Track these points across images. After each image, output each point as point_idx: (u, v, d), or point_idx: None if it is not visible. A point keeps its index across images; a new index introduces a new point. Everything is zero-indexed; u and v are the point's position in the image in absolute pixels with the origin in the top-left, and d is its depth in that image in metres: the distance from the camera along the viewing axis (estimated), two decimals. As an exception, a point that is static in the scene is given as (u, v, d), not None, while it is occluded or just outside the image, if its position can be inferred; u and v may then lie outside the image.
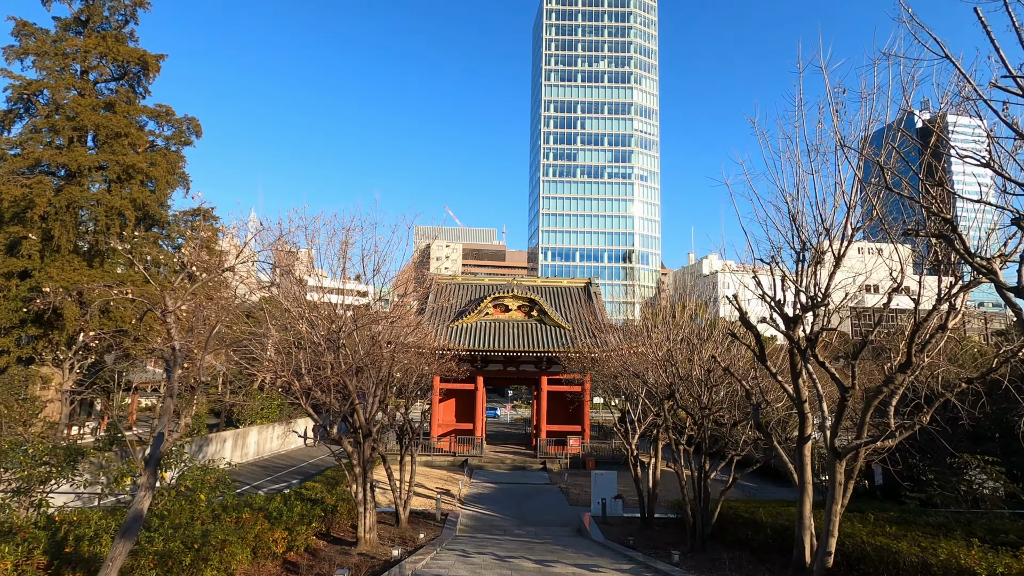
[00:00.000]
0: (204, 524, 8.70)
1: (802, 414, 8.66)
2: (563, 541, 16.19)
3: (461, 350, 31.66)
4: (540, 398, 34.93)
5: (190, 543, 7.14)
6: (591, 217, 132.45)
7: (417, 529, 16.92)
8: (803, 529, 8.47)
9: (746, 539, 12.65)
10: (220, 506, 10.63)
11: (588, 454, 32.91)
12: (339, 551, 12.19)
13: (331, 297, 13.28)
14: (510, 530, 18.86)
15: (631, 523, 18.85)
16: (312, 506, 12.66)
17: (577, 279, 41.68)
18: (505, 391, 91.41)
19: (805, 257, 8.55)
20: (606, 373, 19.22)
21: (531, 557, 11.98)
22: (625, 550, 13.65)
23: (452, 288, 39.65)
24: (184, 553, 6.90)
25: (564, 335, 33.40)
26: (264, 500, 11.63)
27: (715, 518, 12.94)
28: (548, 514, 21.55)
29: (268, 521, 10.00)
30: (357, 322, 12.09)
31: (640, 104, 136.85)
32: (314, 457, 34.51)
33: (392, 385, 12.68)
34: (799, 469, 8.66)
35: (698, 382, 13.71)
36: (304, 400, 11.22)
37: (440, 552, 12.66)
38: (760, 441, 13.87)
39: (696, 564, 11.46)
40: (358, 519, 12.18)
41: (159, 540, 7.02)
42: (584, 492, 25.72)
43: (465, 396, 36.26)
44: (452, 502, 22.43)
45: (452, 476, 28.64)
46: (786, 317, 8.51)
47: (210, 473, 11.67)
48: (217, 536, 7.70)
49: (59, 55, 26.69)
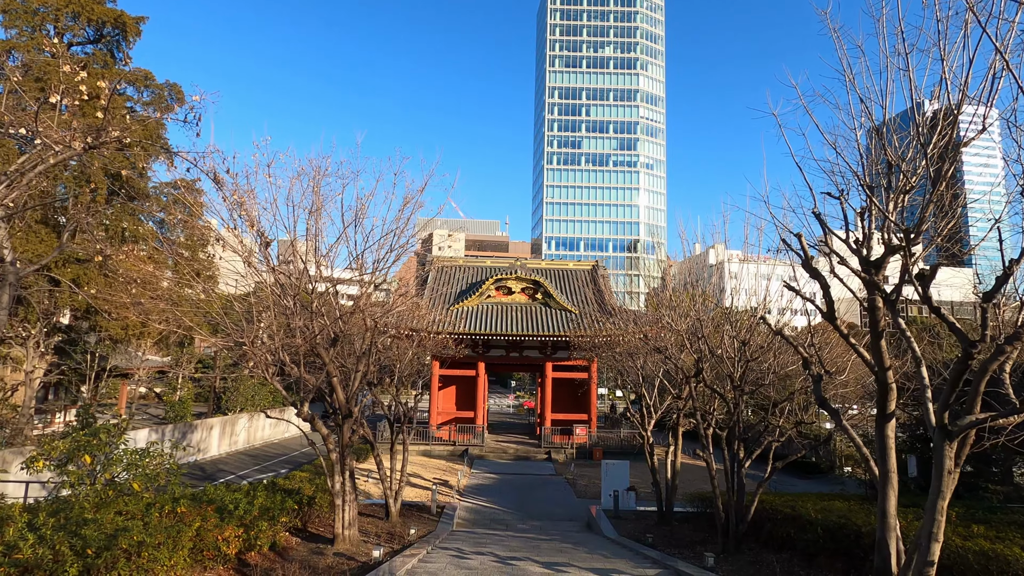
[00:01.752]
0: (129, 520, 6.90)
1: (884, 385, 6.80)
2: (572, 538, 14.43)
3: (461, 333, 29.88)
4: (544, 385, 33.15)
5: (81, 547, 5.33)
6: (596, 206, 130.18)
7: (409, 523, 15.17)
8: (887, 531, 6.63)
9: (787, 539, 10.83)
10: (171, 498, 8.85)
11: (595, 444, 31.16)
12: (312, 550, 10.43)
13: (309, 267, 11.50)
14: (513, 525, 17.11)
15: (646, 518, 17.07)
16: (284, 498, 10.90)
17: (583, 261, 39.76)
18: (508, 381, 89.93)
19: (891, 185, 6.65)
20: (620, 352, 17.36)
21: (538, 559, 10.19)
22: (645, 549, 11.86)
23: (453, 271, 37.81)
24: (69, 561, 5.09)
25: (570, 319, 31.55)
26: (222, 491, 9.85)
27: (751, 514, 11.12)
28: (554, 507, 19.81)
29: (219, 516, 8.22)
30: (334, 285, 10.27)
31: (646, 91, 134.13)
32: (308, 446, 32.90)
33: (373, 356, 10.86)
34: (881, 455, 6.81)
35: (729, 360, 11.87)
36: (269, 373, 9.41)
37: (432, 551, 10.89)
38: (803, 425, 12.06)
39: (736, 570, 9.66)
40: (335, 513, 10.40)
41: (30, 543, 5.16)
42: (592, 483, 23.95)
43: (466, 383, 34.52)
44: (450, 494, 20.71)
45: (451, 466, 26.94)
46: (866, 259, 6.64)
47: (150, 457, 9.87)
48: (132, 537, 5.90)
49: (29, 13, 24.83)
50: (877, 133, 6.57)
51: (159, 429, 24.94)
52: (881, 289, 6.44)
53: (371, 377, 15.78)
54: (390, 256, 10.33)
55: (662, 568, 9.76)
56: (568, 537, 14.59)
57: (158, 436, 24.44)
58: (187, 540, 7.02)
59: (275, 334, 10.04)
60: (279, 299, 9.50)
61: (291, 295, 9.42)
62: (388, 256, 10.25)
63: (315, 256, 9.57)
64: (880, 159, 6.62)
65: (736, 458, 11.27)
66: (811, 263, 7.04)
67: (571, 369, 33.37)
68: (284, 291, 9.78)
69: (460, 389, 35.52)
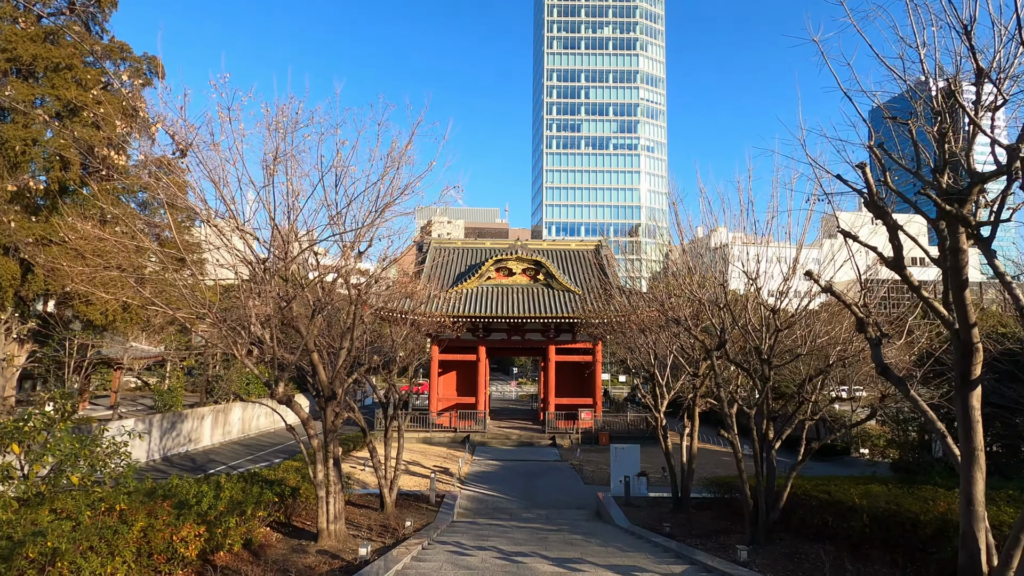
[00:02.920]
0: (64, 521, 5.73)
1: (968, 345, 5.58)
2: (582, 528, 13.33)
3: (460, 316, 28.70)
4: (548, 369, 32.03)
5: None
6: (596, 190, 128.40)
7: (406, 515, 14.07)
8: (975, 521, 5.45)
9: (823, 527, 9.69)
10: (120, 494, 7.69)
11: (601, 428, 30.10)
12: (294, 547, 9.30)
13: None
14: (517, 514, 16.04)
15: (660, 505, 15.98)
16: (262, 490, 9.76)
17: (587, 240, 38.47)
18: (510, 368, 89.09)
19: (979, 99, 5.38)
20: (631, 329, 16.15)
21: (547, 555, 9.06)
22: (664, 540, 10.74)
23: (451, 252, 36.54)
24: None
25: (574, 300, 30.33)
26: (188, 484, 8.69)
27: (783, 501, 9.95)
28: (560, 494, 18.74)
29: (176, 513, 7.06)
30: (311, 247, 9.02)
31: (646, 72, 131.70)
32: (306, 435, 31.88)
33: (359, 332, 9.63)
34: (963, 430, 5.61)
35: (754, 331, 10.66)
36: (238, 348, 8.21)
37: (428, 547, 9.76)
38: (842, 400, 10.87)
39: (772, 564, 8.51)
40: (318, 507, 9.26)
41: None
42: (599, 469, 22.89)
43: (466, 368, 33.40)
44: (451, 482, 19.64)
45: (452, 453, 25.89)
46: (946, 189, 5.39)
47: (90, 445, 8.67)
48: (46, 543, 4.73)
49: (-6, -19, 23.32)
50: (965, 33, 5.28)
51: (146, 419, 23.87)
52: (970, 224, 5.19)
53: (362, 359, 14.61)
54: (374, 218, 9.06)
55: (688, 563, 8.62)
56: (577, 527, 13.50)
57: (145, 426, 23.37)
58: (129, 543, 5.86)
59: (249, 306, 8.82)
60: (243, 261, 8.29)
61: (259, 262, 8.20)
62: (372, 217, 9.00)
63: (288, 212, 8.32)
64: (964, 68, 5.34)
65: (765, 439, 10.09)
66: (878, 200, 5.79)
67: (575, 352, 32.24)
68: (255, 263, 8.55)
69: (461, 374, 34.43)
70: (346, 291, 10.31)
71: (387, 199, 8.61)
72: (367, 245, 9.63)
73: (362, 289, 9.96)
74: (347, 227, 8.62)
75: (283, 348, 9.96)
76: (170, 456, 24.54)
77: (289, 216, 8.62)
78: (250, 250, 8.38)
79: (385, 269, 9.87)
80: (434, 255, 35.80)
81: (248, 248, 8.39)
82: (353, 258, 9.33)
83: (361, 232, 8.93)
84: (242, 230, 8.05)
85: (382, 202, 8.69)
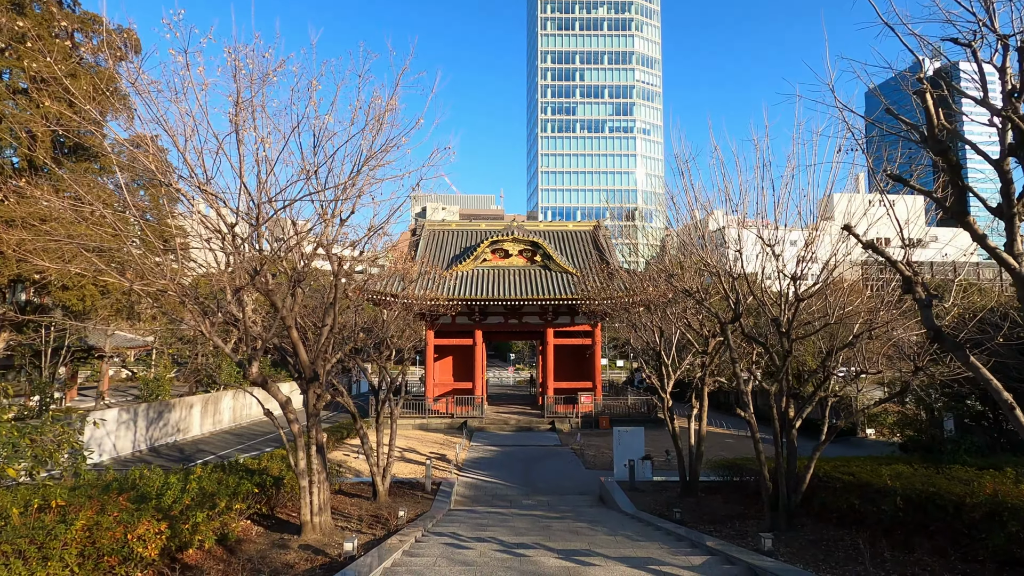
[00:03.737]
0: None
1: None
2: (586, 515, 12.62)
3: (455, 299, 27.84)
4: (546, 353, 31.28)
5: None
6: (592, 174, 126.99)
7: (400, 503, 13.34)
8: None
9: (849, 511, 8.96)
10: (65, 487, 6.84)
11: (601, 412, 29.45)
12: (275, 542, 8.51)
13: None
14: (517, 501, 15.34)
15: (666, 489, 15.30)
16: (240, 480, 8.95)
17: (584, 222, 37.53)
18: (507, 355, 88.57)
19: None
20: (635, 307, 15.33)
21: (552, 546, 8.29)
22: (675, 527, 10.02)
23: (445, 235, 35.56)
24: None
25: (572, 281, 29.49)
26: (156, 475, 7.85)
27: (807, 483, 9.20)
28: (562, 480, 18.06)
29: (134, 508, 6.23)
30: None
31: (642, 53, 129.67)
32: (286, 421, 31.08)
33: (341, 306, 8.73)
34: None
35: (771, 302, 9.86)
36: (205, 324, 7.31)
37: (422, 539, 8.99)
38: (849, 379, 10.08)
39: (799, 553, 7.77)
40: (301, 498, 8.45)
41: None
42: (601, 453, 22.24)
43: (463, 353, 32.63)
44: (448, 468, 18.94)
45: (449, 440, 25.18)
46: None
47: (32, 434, 7.77)
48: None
49: (-45, -53, 21.96)
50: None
51: (131, 409, 22.99)
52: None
53: (349, 340, 13.75)
54: (355, 176, 8.12)
55: (706, 553, 7.87)
56: (581, 514, 12.79)
57: (130, 416, 22.51)
58: (69, 544, 5.02)
59: (219, 279, 7.92)
60: (210, 228, 7.38)
61: (228, 228, 7.29)
62: (353, 175, 8.06)
63: (257, 169, 7.37)
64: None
65: (785, 417, 9.31)
66: (938, 129, 4.92)
67: (573, 335, 31.49)
68: (222, 230, 7.62)
69: (457, 359, 33.66)
70: (328, 264, 9.40)
71: (370, 156, 7.68)
72: (350, 212, 8.71)
73: (345, 259, 9.07)
74: (326, 185, 7.69)
75: (263, 329, 9.09)
76: (157, 447, 23.72)
77: (260, 171, 7.65)
78: (217, 215, 7.46)
79: (371, 238, 9.00)
80: (428, 238, 34.83)
81: (216, 214, 7.47)
82: (335, 225, 8.41)
83: (342, 191, 8.00)
84: (204, 190, 7.11)
85: (365, 158, 7.77)
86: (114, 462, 21.48)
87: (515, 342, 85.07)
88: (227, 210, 7.93)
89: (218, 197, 7.36)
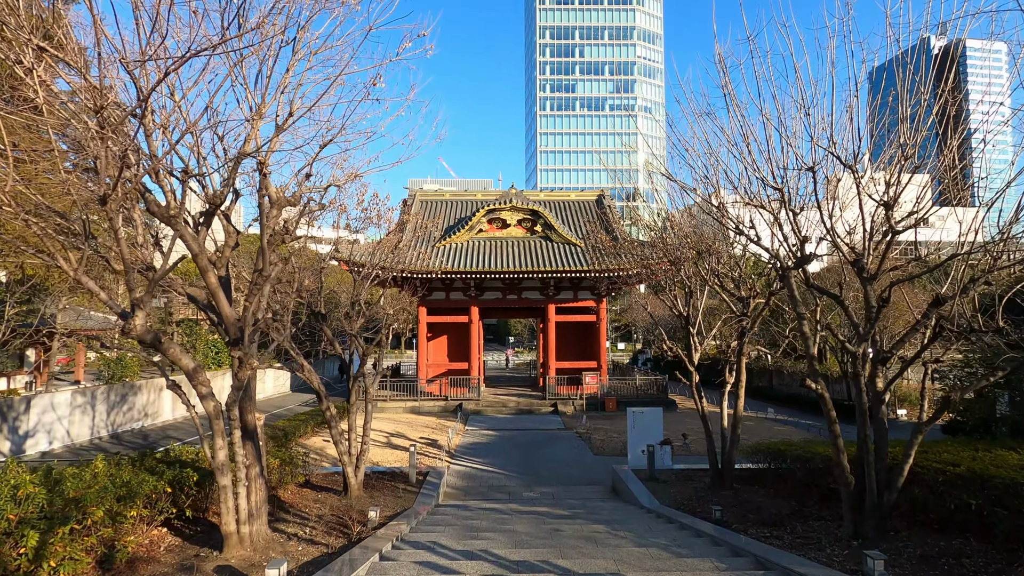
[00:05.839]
0: None
1: None
2: (601, 512, 10.39)
3: (449, 272, 25.48)
4: (547, 330, 28.99)
5: None
6: (592, 154, 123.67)
7: (377, 498, 11.12)
8: None
9: (959, 513, 6.71)
10: None
11: (608, 393, 27.27)
12: (184, 560, 6.21)
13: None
14: (517, 493, 13.14)
15: (691, 479, 13.09)
16: (146, 478, 6.67)
17: (587, 192, 35.01)
18: (506, 338, 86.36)
19: None
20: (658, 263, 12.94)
21: (567, 567, 6.01)
22: (719, 531, 7.77)
23: (438, 205, 33.07)
24: None
25: (575, 253, 27.11)
26: (12, 475, 5.54)
27: (903, 477, 6.90)
28: (567, 467, 15.86)
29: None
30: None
31: (643, 28, 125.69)
32: (287, 405, 28.90)
33: (265, 250, 6.28)
34: None
35: (848, 248, 7.51)
36: (70, 258, 4.93)
37: (391, 552, 6.71)
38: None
39: (913, 574, 5.51)
40: (221, 500, 6.16)
41: None
42: (610, 438, 20.06)
43: (458, 331, 30.35)
44: (439, 455, 16.74)
45: (442, 424, 22.99)
46: None
47: None
48: None
49: None
50: None
51: (87, 392, 20.68)
52: None
53: (314, 304, 11.41)
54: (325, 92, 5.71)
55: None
56: (595, 511, 10.56)
57: (86, 399, 20.22)
58: None
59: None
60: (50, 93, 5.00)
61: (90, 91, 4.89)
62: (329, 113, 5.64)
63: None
64: None
65: (873, 387, 7.01)
66: None
67: (577, 311, 29.19)
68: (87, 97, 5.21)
69: (452, 338, 31.39)
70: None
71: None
72: (328, 139, 6.26)
73: (279, 189, 6.68)
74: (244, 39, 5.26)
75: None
76: (120, 432, 21.48)
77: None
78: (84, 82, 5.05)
79: (345, 185, 6.67)
80: (420, 209, 32.33)
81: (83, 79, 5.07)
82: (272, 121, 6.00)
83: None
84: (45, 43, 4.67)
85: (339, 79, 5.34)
86: (67, 450, 19.28)
87: (514, 323, 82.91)
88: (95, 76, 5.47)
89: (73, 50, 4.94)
